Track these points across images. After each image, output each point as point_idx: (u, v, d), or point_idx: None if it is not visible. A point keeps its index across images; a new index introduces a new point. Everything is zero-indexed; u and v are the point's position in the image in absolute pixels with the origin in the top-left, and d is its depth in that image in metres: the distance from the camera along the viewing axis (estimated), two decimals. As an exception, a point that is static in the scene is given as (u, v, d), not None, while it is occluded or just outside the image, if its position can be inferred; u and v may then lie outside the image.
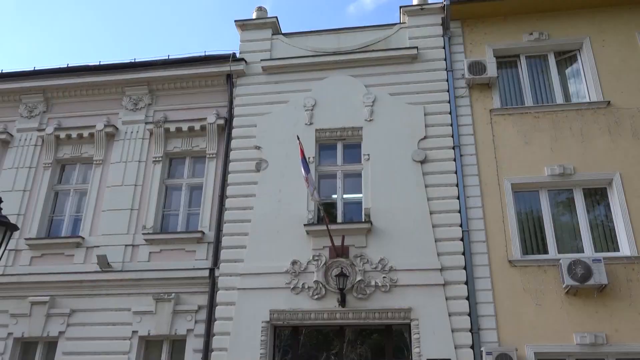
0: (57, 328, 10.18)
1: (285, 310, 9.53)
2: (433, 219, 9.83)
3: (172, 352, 10.01)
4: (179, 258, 10.48)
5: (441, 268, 9.45)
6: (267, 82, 11.69)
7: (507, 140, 10.34)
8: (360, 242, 9.85)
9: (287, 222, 10.17)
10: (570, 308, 8.94)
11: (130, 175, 11.35)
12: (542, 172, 9.96)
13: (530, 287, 9.18)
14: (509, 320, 9.02)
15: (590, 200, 9.97)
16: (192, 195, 11.34)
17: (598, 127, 10.19)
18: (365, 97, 11.06)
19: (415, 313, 9.19)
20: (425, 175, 10.22)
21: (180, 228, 10.97)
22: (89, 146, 11.85)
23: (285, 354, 9.72)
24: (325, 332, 9.89)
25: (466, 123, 10.62)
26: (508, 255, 9.45)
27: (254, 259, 9.99)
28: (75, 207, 11.61)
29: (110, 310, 10.16)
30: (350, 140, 10.95)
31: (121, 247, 10.67)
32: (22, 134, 12.22)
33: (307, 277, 9.71)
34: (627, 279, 9.00)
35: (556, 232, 9.75)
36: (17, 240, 10.92)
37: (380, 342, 9.65)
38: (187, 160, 11.62)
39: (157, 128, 11.56)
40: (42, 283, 10.49)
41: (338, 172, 10.76)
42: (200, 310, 9.94)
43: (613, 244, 9.56)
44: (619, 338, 8.67)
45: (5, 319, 10.40)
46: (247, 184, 10.72)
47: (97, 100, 12.30)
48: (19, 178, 11.74)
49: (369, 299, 9.43)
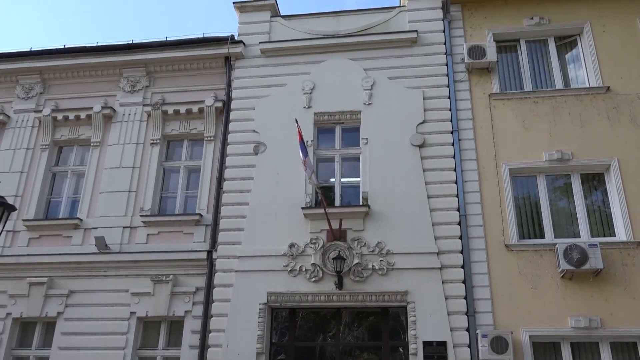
0: (56, 309, 10.23)
1: (283, 293, 9.58)
2: (431, 203, 9.86)
3: (170, 333, 10.07)
4: (177, 240, 10.50)
5: (438, 252, 9.50)
6: (266, 65, 11.63)
7: (505, 125, 10.34)
8: (358, 226, 9.87)
9: (284, 205, 10.18)
10: (566, 292, 9.01)
11: (128, 158, 11.32)
12: (540, 157, 9.97)
13: (526, 271, 9.23)
14: (504, 303, 9.09)
15: (587, 185, 10.00)
16: (189, 178, 11.33)
17: (597, 112, 10.19)
18: (364, 80, 11.02)
19: (412, 296, 9.25)
20: (423, 160, 10.22)
21: (178, 210, 10.98)
22: (86, 128, 11.81)
23: (283, 336, 9.79)
24: (322, 315, 9.96)
25: (465, 107, 10.60)
26: (505, 239, 9.50)
27: (252, 242, 10.02)
28: (72, 189, 11.59)
29: (109, 292, 10.20)
30: (349, 123, 10.92)
31: (119, 229, 10.69)
32: (19, 115, 12.16)
33: (304, 259, 9.75)
34: (623, 263, 9.06)
35: (553, 217, 9.80)
36: (14, 222, 10.95)
37: (376, 325, 9.72)
38: (185, 142, 11.59)
39: (154, 110, 11.51)
40: (40, 264, 10.52)
41: (336, 155, 10.75)
42: (198, 292, 9.98)
43: (609, 229, 9.61)
44: (613, 322, 8.75)
45: (4, 299, 10.44)
46: (245, 167, 10.71)
47: (94, 82, 12.22)
48: (16, 159, 11.71)
49: (366, 281, 9.48)
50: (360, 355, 9.69)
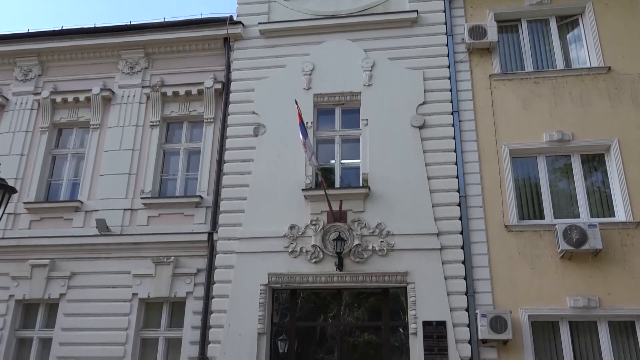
0: (58, 290, 10.30)
1: (284, 274, 9.64)
2: (431, 184, 9.87)
3: (172, 314, 10.16)
4: (178, 222, 10.53)
5: (438, 233, 9.53)
6: (265, 46, 11.54)
7: (506, 105, 10.30)
8: (358, 207, 9.89)
9: (285, 187, 10.19)
10: (565, 272, 9.06)
11: (128, 140, 11.31)
12: (541, 138, 9.95)
13: (525, 252, 9.28)
14: (504, 283, 9.15)
15: (587, 166, 10.00)
16: (190, 160, 11.32)
17: (598, 92, 10.14)
18: (364, 61, 10.95)
19: (412, 276, 9.31)
20: (423, 141, 10.21)
21: (178, 192, 10.99)
22: (85, 110, 11.77)
23: (284, 317, 9.87)
24: (322, 296, 10.03)
25: (465, 88, 10.54)
26: (504, 220, 9.52)
27: (252, 223, 10.05)
28: (73, 172, 11.59)
29: (110, 273, 10.27)
30: (349, 105, 10.88)
31: (120, 211, 10.72)
32: (17, 97, 12.11)
33: (305, 241, 9.78)
34: (622, 243, 9.10)
35: (553, 198, 9.81)
36: (15, 204, 10.98)
37: (377, 305, 9.80)
38: (185, 124, 11.56)
39: (153, 92, 11.46)
40: (42, 246, 10.58)
41: (336, 137, 10.73)
42: (199, 273, 10.04)
43: (609, 210, 9.63)
44: (611, 301, 8.82)
45: (6, 281, 10.51)
46: (245, 148, 10.69)
47: (92, 64, 12.14)
48: (16, 142, 11.69)
49: (366, 262, 9.53)
50: (361, 335, 9.77)
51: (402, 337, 9.40)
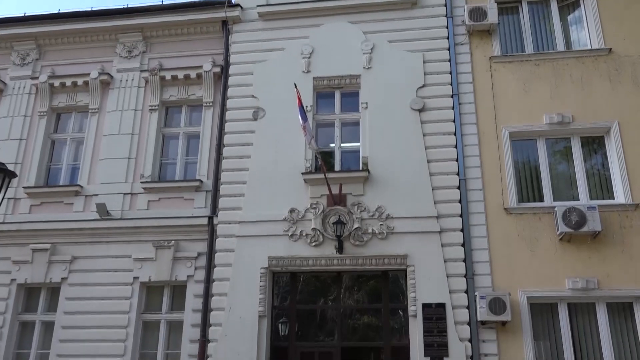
0: (60, 274, 10.36)
1: (284, 257, 9.68)
2: (430, 167, 9.86)
3: (173, 297, 10.23)
4: (178, 206, 10.55)
5: (437, 216, 9.55)
6: (264, 29, 11.44)
7: (506, 88, 10.25)
8: (358, 191, 9.90)
9: (284, 171, 10.19)
10: (564, 254, 9.10)
11: (127, 124, 11.27)
12: (541, 121, 9.93)
13: (524, 234, 9.31)
14: (503, 266, 9.20)
15: (587, 148, 9.99)
16: (189, 144, 11.30)
17: (598, 74, 10.09)
18: (364, 44, 10.87)
19: (411, 259, 9.35)
20: (423, 124, 10.18)
21: (178, 177, 11.00)
22: (84, 94, 11.72)
23: (284, 300, 9.94)
24: (322, 279, 10.08)
25: (465, 71, 10.49)
26: (504, 203, 9.54)
27: (252, 207, 10.07)
28: (72, 156, 11.58)
29: (111, 257, 10.31)
30: (348, 88, 10.83)
31: (120, 196, 10.73)
32: (15, 82, 12.05)
33: (304, 224, 9.81)
34: (621, 225, 9.13)
35: (552, 181, 9.81)
36: (15, 189, 10.98)
37: (376, 288, 9.86)
38: (184, 108, 11.52)
39: (152, 76, 11.40)
40: (42, 231, 10.60)
41: (336, 120, 10.70)
42: (199, 257, 10.09)
43: (608, 192, 9.64)
44: (610, 283, 8.88)
45: (8, 265, 10.56)
46: (244, 132, 10.67)
47: (90, 48, 12.07)
48: (15, 127, 11.66)
49: (366, 245, 9.57)
50: (361, 318, 9.85)
51: (401, 320, 9.47)
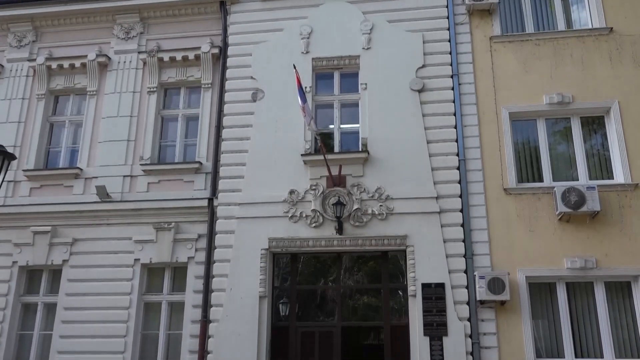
0: (61, 256, 10.40)
1: (284, 238, 9.71)
2: (430, 148, 9.86)
3: (174, 279, 10.29)
4: (178, 188, 10.56)
5: (437, 196, 9.57)
6: (262, 9, 11.33)
7: (506, 68, 10.20)
8: (357, 172, 9.91)
9: (284, 152, 10.18)
10: (563, 234, 9.15)
11: (125, 106, 11.23)
12: (541, 101, 9.90)
13: (524, 214, 9.34)
14: (502, 246, 9.24)
15: (587, 129, 9.98)
16: (188, 126, 11.27)
17: (599, 54, 10.04)
18: (363, 24, 10.79)
19: (411, 240, 9.40)
20: (422, 105, 10.15)
21: (177, 159, 10.99)
22: (81, 77, 11.64)
23: (285, 281, 10.00)
24: (322, 260, 10.14)
25: (465, 51, 10.43)
26: (503, 183, 9.56)
27: (252, 189, 10.08)
28: (71, 139, 11.55)
29: (112, 239, 10.35)
30: (348, 69, 10.76)
31: (119, 178, 10.72)
32: (12, 64, 11.96)
33: (304, 206, 9.83)
34: (620, 205, 9.16)
35: (552, 161, 9.82)
36: (15, 172, 10.98)
37: (376, 269, 9.92)
38: (182, 90, 11.46)
39: (150, 58, 11.32)
40: (43, 213, 10.62)
41: (335, 101, 10.66)
42: (200, 238, 10.13)
43: (608, 173, 9.65)
44: (608, 262, 8.94)
45: (9, 248, 10.60)
46: (243, 114, 10.63)
47: (87, 29, 11.96)
48: (13, 109, 11.60)
49: (366, 226, 9.60)
50: (360, 298, 9.93)
51: (401, 300, 9.54)
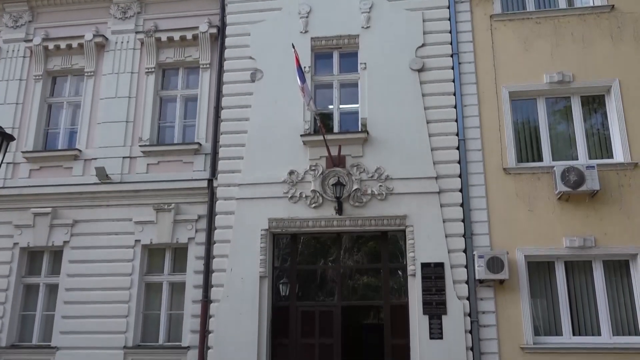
0: (62, 238, 10.44)
1: (284, 219, 9.73)
2: (430, 128, 9.82)
3: (175, 259, 10.35)
4: (177, 169, 10.56)
5: (437, 176, 9.57)
6: (260, -12, 11.22)
7: (506, 47, 10.13)
8: (357, 152, 9.89)
9: (283, 133, 10.15)
10: (562, 213, 9.17)
11: (124, 87, 11.16)
12: (541, 80, 9.84)
13: (523, 194, 9.35)
14: (501, 225, 9.27)
15: (587, 108, 9.94)
16: (187, 107, 11.22)
17: (600, 32, 9.95)
18: (362, 2, 10.66)
19: (411, 220, 9.42)
20: (422, 84, 10.09)
21: (176, 140, 10.96)
22: (79, 57, 11.55)
23: (285, 261, 10.05)
24: (322, 240, 10.17)
25: (465, 30, 10.34)
26: (503, 163, 9.55)
27: (252, 170, 10.07)
28: (69, 120, 11.51)
29: (112, 221, 10.38)
30: (347, 48, 10.68)
31: (119, 159, 10.71)
32: (9, 45, 11.85)
33: (304, 186, 9.83)
34: (619, 184, 9.16)
35: (552, 140, 9.81)
36: (14, 154, 10.97)
37: (375, 249, 9.96)
38: (181, 71, 11.39)
39: (147, 38, 11.22)
40: (42, 195, 10.63)
41: (334, 81, 10.59)
42: (200, 219, 10.16)
43: (607, 152, 9.65)
44: (607, 241, 8.97)
45: (10, 229, 10.63)
46: (242, 94, 10.57)
47: (84, 9, 11.81)
48: (10, 91, 11.53)
49: (365, 206, 9.61)
50: (360, 278, 9.99)
51: (400, 279, 9.60)
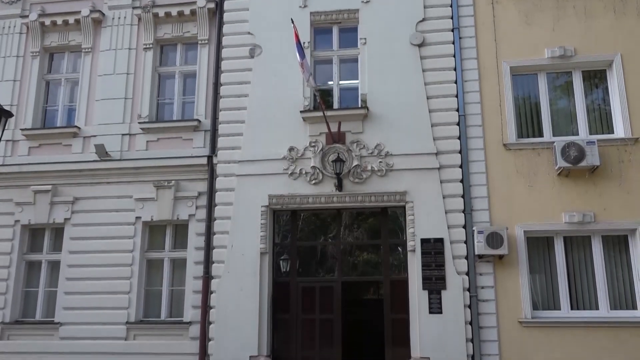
0: (62, 215, 10.47)
1: (284, 195, 9.75)
2: (430, 103, 9.78)
3: (176, 236, 10.39)
4: (177, 146, 10.53)
5: (437, 152, 9.56)
6: (259, -39, 11.04)
7: (508, 21, 10.02)
8: (357, 128, 9.86)
9: (283, 109, 10.10)
10: (561, 189, 9.18)
11: (122, 64, 11.07)
12: (542, 54, 9.76)
13: (523, 170, 9.35)
14: (501, 201, 9.29)
15: (588, 83, 9.88)
16: (185, 83, 11.14)
17: (602, 5, 9.83)
18: (362, -24, 10.53)
19: (411, 196, 9.43)
20: (422, 60, 10.01)
21: (176, 117, 10.92)
22: (76, 33, 11.44)
23: (285, 238, 10.09)
24: (322, 217, 10.21)
25: (466, 4, 10.21)
26: (503, 139, 9.53)
27: (251, 146, 10.05)
28: (67, 97, 11.44)
29: (113, 198, 10.40)
30: (346, 23, 10.56)
31: (118, 136, 10.68)
32: (4, 21, 11.71)
33: (304, 163, 9.83)
34: (620, 160, 9.16)
35: (552, 116, 9.77)
36: (13, 131, 10.94)
37: (375, 225, 10.00)
38: (179, 47, 11.28)
39: (145, 13, 11.09)
40: (42, 172, 10.63)
41: (334, 57, 10.50)
42: (200, 196, 10.18)
43: (608, 127, 9.61)
44: (606, 216, 9.00)
45: (10, 207, 10.66)
46: (241, 70, 10.50)
47: (79, -16, 11.69)
48: (8, 68, 11.44)
49: (365, 183, 9.62)
50: (360, 254, 10.05)
51: (400, 255, 9.66)
